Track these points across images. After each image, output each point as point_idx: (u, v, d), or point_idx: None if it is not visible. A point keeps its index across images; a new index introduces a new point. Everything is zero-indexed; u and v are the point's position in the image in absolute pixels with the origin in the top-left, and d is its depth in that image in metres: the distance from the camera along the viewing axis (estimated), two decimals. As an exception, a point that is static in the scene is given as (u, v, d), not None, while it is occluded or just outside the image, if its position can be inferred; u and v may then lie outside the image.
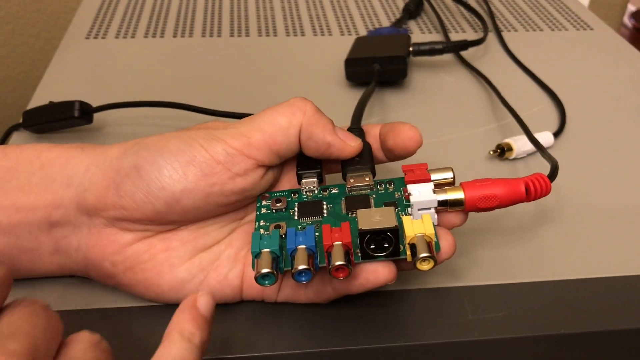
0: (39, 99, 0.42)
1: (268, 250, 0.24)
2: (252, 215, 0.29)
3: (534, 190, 0.26)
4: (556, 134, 0.41)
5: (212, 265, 0.27)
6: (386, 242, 0.24)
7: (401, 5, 0.60)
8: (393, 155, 0.29)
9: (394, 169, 0.34)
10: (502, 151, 0.38)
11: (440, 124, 0.43)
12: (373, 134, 0.29)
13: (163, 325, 0.26)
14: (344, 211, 0.27)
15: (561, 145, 0.41)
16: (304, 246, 0.24)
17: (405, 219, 0.24)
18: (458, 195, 0.25)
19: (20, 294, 0.27)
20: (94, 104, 0.39)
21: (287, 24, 0.56)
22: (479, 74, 0.48)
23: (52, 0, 0.81)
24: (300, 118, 0.27)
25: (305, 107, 0.27)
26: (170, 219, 0.26)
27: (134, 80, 0.46)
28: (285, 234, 0.25)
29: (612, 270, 0.31)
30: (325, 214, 0.27)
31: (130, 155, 0.26)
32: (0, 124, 0.87)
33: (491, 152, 0.39)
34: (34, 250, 0.26)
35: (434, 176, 0.27)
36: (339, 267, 0.23)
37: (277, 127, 0.26)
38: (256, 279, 0.23)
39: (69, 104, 0.38)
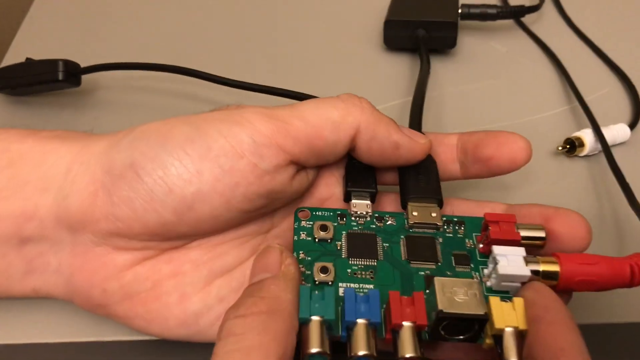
0: (14, 56, 0.37)
1: (320, 319, 0.18)
2: (280, 228, 0.23)
3: (639, 275, 0.20)
4: (632, 126, 0.35)
5: (233, 294, 0.21)
6: (466, 328, 0.18)
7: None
8: (483, 169, 0.23)
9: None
10: (572, 146, 0.33)
11: (493, 106, 0.37)
12: (446, 143, 0.24)
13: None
14: (404, 256, 0.21)
15: (639, 138, 0.34)
16: (365, 321, 0.18)
17: (494, 303, 0.18)
18: (553, 268, 0.20)
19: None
20: (83, 64, 0.33)
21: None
22: (543, 47, 0.42)
23: None
24: (357, 116, 0.21)
25: (361, 103, 0.22)
26: (179, 232, 0.20)
27: (132, 36, 0.41)
28: (334, 280, 0.20)
29: None
30: (380, 257, 0.21)
31: (124, 149, 0.20)
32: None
33: (559, 148, 0.33)
34: (1, 271, 0.21)
35: (522, 233, 0.21)
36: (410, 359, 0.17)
37: (326, 118, 0.21)
38: (303, 357, 0.18)
39: (52, 63, 0.33)
